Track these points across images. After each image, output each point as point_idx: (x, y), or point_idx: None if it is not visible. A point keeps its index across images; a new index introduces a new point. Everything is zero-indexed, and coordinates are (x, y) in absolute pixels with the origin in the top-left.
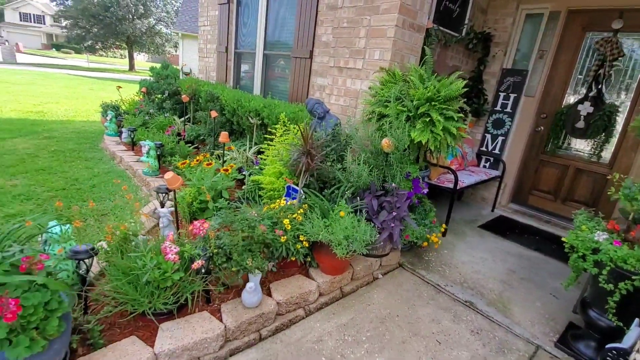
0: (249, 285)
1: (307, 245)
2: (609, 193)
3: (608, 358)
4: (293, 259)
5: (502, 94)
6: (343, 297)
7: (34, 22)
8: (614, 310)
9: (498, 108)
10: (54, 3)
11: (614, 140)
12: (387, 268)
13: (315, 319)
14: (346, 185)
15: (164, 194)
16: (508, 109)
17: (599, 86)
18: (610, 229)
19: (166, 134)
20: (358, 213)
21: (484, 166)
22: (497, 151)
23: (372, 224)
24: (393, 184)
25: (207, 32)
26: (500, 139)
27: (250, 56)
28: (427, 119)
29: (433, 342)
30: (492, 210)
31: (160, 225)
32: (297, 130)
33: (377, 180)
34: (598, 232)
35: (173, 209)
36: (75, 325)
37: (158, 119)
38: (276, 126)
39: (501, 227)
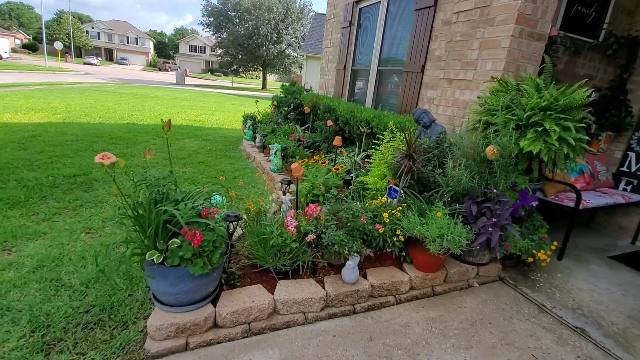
0: (348, 263)
1: (402, 239)
2: None
3: None
4: (389, 250)
5: None
6: (434, 295)
7: (198, 52)
8: None
9: None
10: (213, 36)
11: None
12: (485, 279)
13: (404, 307)
14: (445, 189)
15: (286, 185)
16: None
17: None
18: None
19: (289, 139)
20: (455, 217)
21: (624, 189)
22: None
23: (469, 228)
24: (495, 190)
25: (329, 53)
26: None
27: (364, 72)
28: (540, 129)
29: (528, 355)
30: (633, 243)
31: (282, 210)
32: (403, 137)
33: (478, 187)
34: None
35: (293, 197)
36: (224, 269)
37: (284, 127)
38: (384, 133)
39: None
